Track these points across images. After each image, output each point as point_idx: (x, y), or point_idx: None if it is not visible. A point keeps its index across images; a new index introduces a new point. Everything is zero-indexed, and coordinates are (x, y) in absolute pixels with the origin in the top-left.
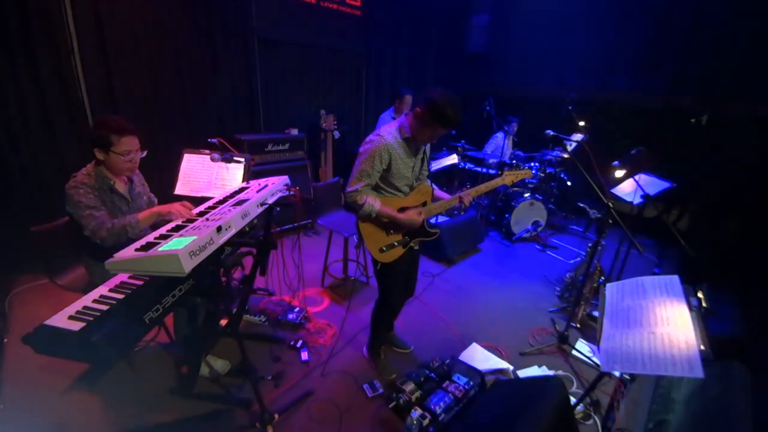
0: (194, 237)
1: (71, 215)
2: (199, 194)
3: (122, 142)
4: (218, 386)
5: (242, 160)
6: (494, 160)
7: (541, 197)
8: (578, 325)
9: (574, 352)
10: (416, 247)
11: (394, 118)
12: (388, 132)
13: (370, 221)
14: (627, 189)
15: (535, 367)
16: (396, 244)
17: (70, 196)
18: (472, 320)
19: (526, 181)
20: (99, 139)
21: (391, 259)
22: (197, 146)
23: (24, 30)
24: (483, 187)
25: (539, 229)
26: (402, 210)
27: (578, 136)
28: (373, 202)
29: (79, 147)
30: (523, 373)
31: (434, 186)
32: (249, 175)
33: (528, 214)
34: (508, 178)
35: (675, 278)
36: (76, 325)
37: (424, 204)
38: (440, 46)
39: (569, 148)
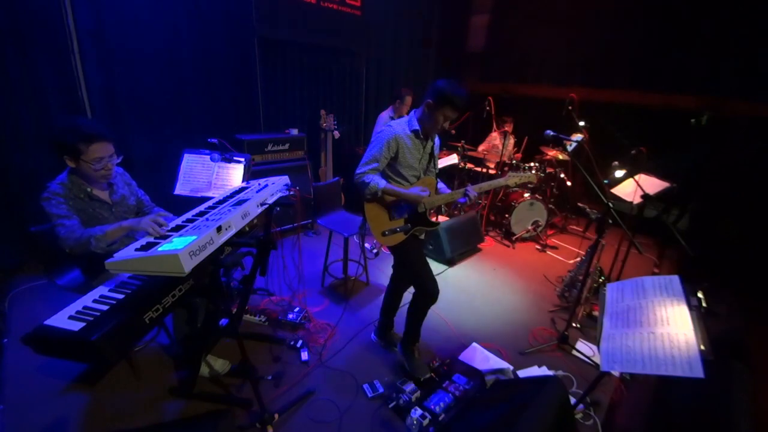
0: (194, 237)
1: None
2: (199, 194)
3: (91, 149)
4: (218, 386)
5: (242, 160)
6: (493, 160)
7: (541, 197)
8: (578, 325)
9: (574, 352)
10: (421, 236)
11: (392, 118)
12: (397, 124)
13: (375, 202)
14: (627, 189)
15: (535, 367)
16: (398, 229)
17: (42, 207)
18: (472, 320)
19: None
20: (65, 148)
21: (393, 244)
22: (197, 146)
23: (24, 30)
24: (486, 185)
25: (539, 229)
26: None
27: (578, 136)
28: (379, 180)
29: None
30: (523, 373)
31: (439, 180)
32: (249, 175)
33: (528, 214)
34: (511, 179)
35: (675, 278)
36: (76, 325)
37: (428, 194)
38: (440, 46)
39: (569, 148)
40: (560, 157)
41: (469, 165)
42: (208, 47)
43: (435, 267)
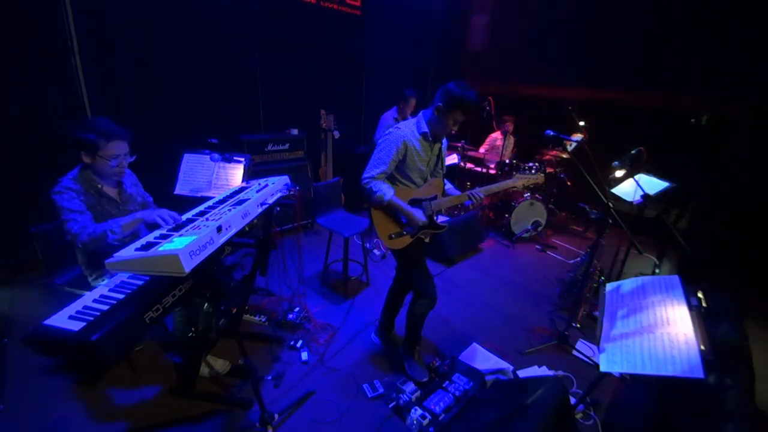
0: (194, 237)
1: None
2: (199, 194)
3: (110, 146)
4: (218, 386)
5: (242, 160)
6: (493, 160)
7: (541, 197)
8: (578, 325)
9: (574, 352)
10: (427, 240)
11: (396, 119)
12: (405, 126)
13: (382, 209)
14: (627, 189)
15: (535, 367)
16: (405, 232)
17: (54, 200)
18: (472, 320)
19: None
20: (85, 143)
21: (399, 247)
22: (197, 146)
23: (24, 30)
24: (494, 188)
25: (539, 229)
26: (413, 201)
27: (578, 136)
28: (386, 191)
29: None
30: (523, 373)
31: (446, 181)
32: (249, 175)
33: (528, 214)
34: (519, 182)
35: (675, 278)
36: (77, 325)
37: (435, 197)
38: (440, 46)
39: (569, 148)
40: (564, 156)
41: (469, 165)
42: (208, 47)
43: (435, 267)
